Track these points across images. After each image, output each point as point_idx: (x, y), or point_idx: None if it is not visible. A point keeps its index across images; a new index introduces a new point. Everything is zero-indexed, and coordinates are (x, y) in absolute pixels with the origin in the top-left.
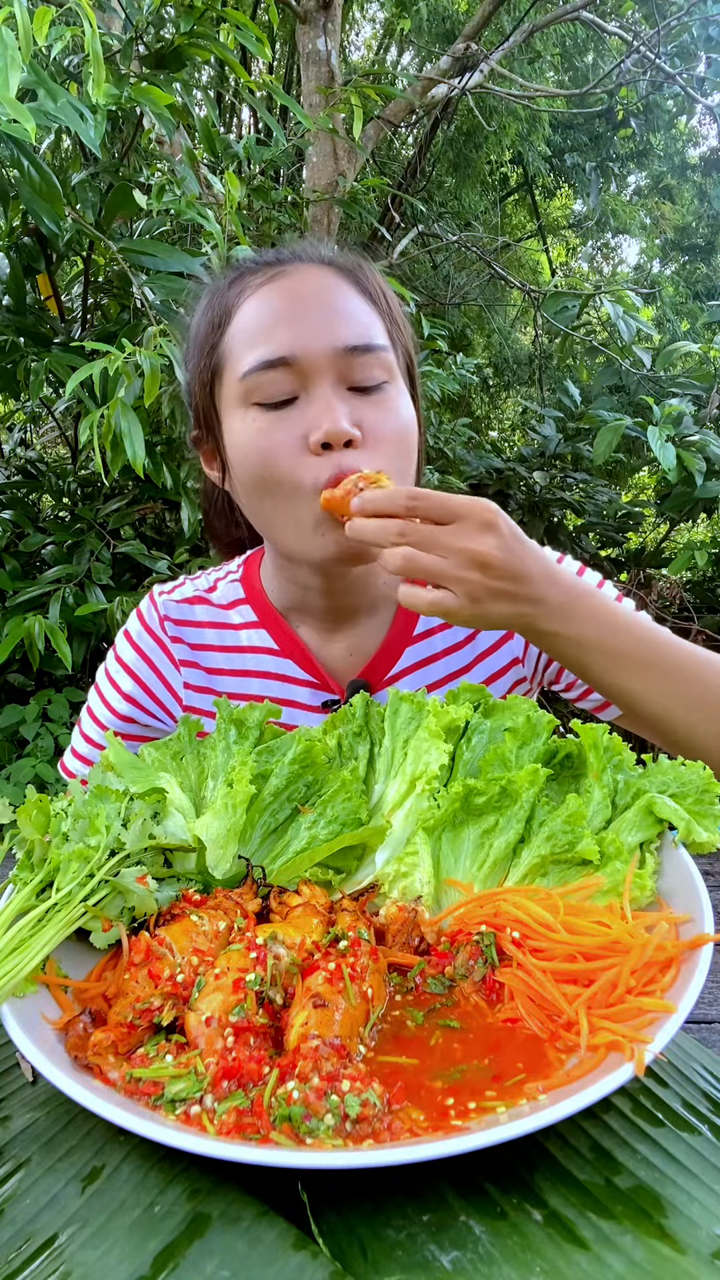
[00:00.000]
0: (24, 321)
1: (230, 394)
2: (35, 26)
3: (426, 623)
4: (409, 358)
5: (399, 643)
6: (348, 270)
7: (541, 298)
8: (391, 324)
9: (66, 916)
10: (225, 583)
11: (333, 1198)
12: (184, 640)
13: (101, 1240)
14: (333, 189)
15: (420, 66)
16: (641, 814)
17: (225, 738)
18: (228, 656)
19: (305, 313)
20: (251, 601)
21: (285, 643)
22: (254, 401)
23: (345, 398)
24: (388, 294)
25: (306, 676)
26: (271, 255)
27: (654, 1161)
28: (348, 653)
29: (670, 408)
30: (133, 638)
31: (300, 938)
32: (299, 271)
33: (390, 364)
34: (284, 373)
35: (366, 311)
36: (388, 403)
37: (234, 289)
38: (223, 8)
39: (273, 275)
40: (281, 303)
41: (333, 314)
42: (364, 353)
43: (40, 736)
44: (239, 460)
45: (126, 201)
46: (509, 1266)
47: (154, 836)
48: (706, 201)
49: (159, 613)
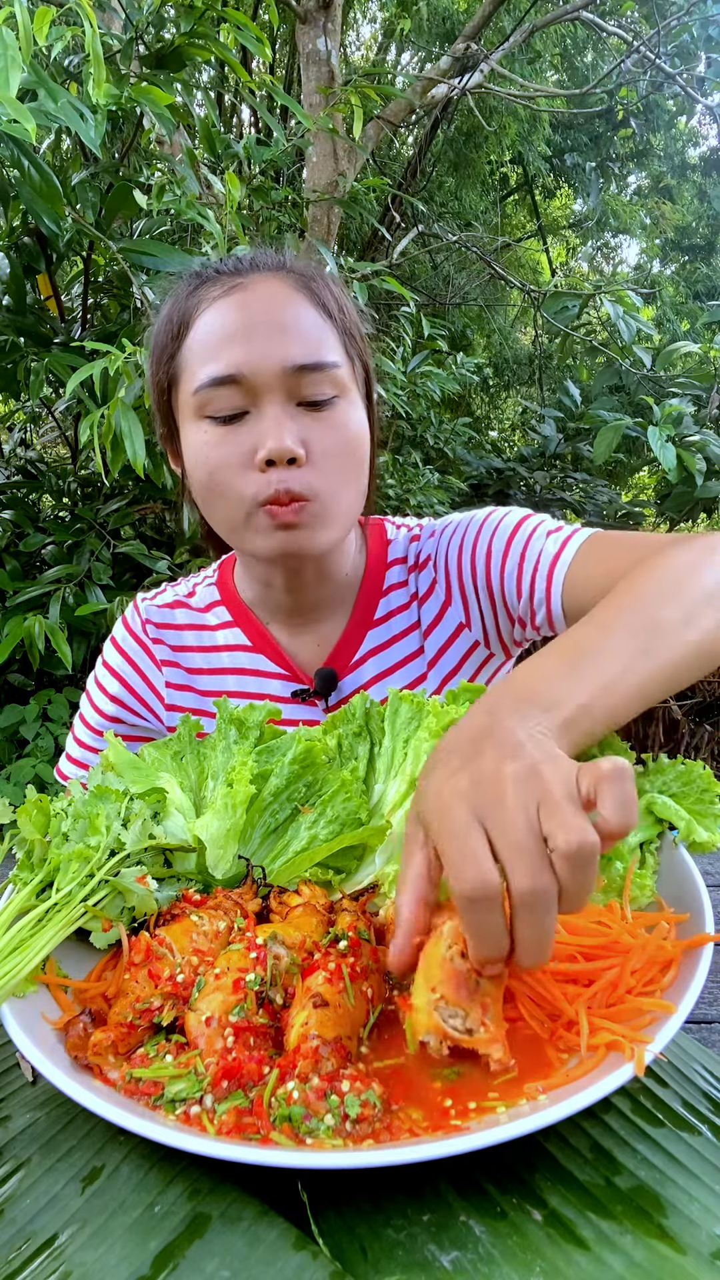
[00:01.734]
0: (24, 321)
1: (185, 404)
2: (35, 27)
3: (386, 606)
4: (366, 368)
5: (360, 628)
6: (304, 283)
7: (541, 298)
8: (346, 336)
9: (66, 917)
10: (203, 586)
11: (333, 1198)
12: (165, 642)
13: (101, 1240)
14: (333, 189)
15: (420, 66)
16: (641, 814)
17: (225, 738)
18: (205, 656)
19: (257, 330)
20: (226, 602)
21: (256, 638)
22: (206, 414)
23: (294, 414)
24: (344, 305)
25: (277, 669)
26: (231, 264)
27: (654, 1161)
28: (315, 644)
29: (670, 408)
30: (118, 642)
31: (300, 938)
32: (254, 285)
33: (340, 379)
34: (234, 389)
35: (319, 326)
36: (336, 419)
37: (192, 299)
38: (223, 8)
39: (229, 288)
40: (235, 318)
41: (283, 332)
42: (313, 370)
43: (40, 736)
44: (192, 468)
45: (126, 201)
46: (509, 1266)
47: (154, 837)
48: (706, 201)
49: (141, 617)
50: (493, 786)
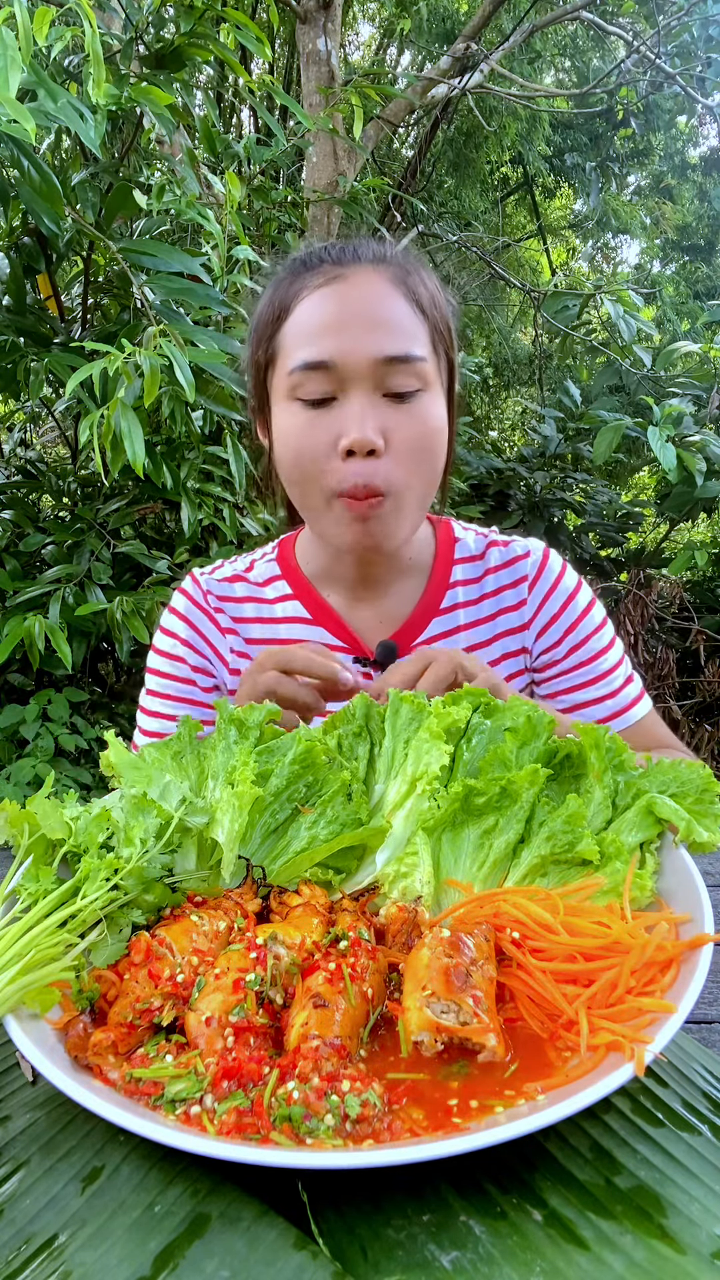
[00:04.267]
0: (24, 321)
1: (279, 383)
2: (35, 27)
3: (452, 597)
4: (450, 364)
5: (427, 614)
6: (401, 276)
7: (541, 298)
8: (435, 332)
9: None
10: (262, 562)
11: (333, 1198)
12: (225, 612)
13: (101, 1240)
14: (333, 189)
15: (420, 66)
16: (641, 814)
17: (225, 738)
18: (264, 628)
19: (352, 322)
20: (286, 576)
21: (317, 611)
22: (297, 396)
23: (378, 405)
24: (438, 299)
25: (338, 642)
26: (334, 252)
27: (654, 1161)
28: (377, 619)
29: (670, 408)
30: (180, 612)
31: (300, 938)
32: (354, 276)
33: (426, 373)
34: (325, 375)
35: (411, 320)
36: (418, 411)
37: (294, 285)
38: (222, 8)
39: (330, 278)
40: (332, 308)
41: (376, 325)
42: (401, 363)
43: (40, 737)
44: (280, 446)
45: (126, 201)
46: (509, 1266)
47: (172, 872)
48: (707, 201)
49: (202, 588)
50: None
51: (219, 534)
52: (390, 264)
